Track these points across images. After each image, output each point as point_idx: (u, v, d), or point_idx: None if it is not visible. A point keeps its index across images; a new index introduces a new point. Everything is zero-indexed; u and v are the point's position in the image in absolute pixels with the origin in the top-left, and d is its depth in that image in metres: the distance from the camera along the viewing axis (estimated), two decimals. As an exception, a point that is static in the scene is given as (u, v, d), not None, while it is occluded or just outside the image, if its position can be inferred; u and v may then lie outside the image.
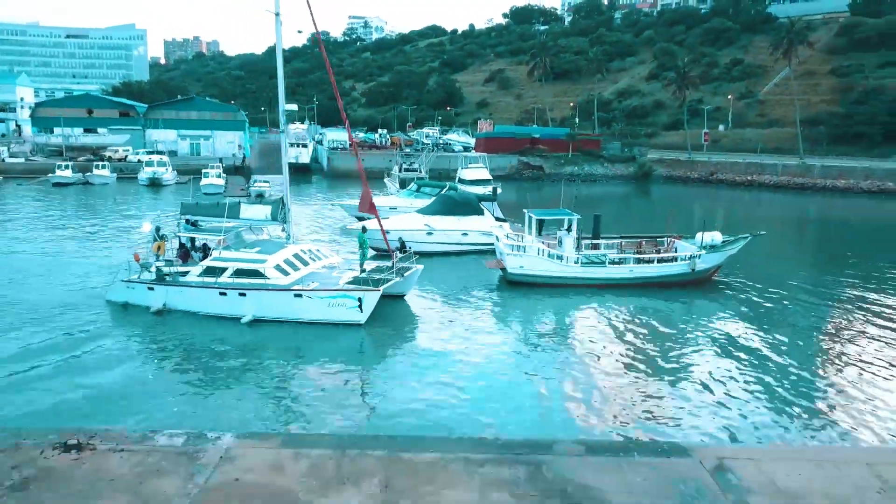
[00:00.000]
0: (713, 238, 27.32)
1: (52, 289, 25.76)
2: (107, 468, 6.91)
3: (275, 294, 21.71)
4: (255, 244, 24.41)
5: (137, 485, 6.61)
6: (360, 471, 6.85)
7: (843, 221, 57.83)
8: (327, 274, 23.49)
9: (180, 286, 22.37)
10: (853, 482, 6.86)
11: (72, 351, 19.21)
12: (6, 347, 19.43)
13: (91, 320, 21.90)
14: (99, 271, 28.54)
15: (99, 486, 6.56)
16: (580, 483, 6.73)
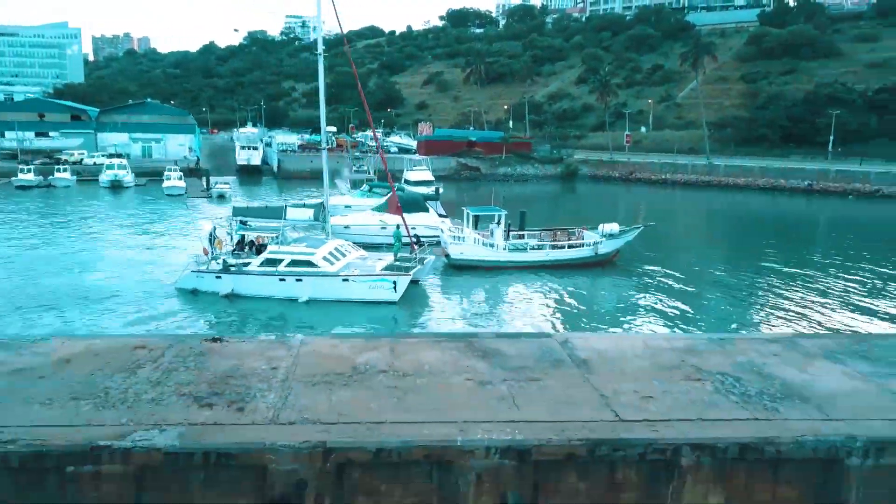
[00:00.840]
0: (612, 228, 34.39)
1: (125, 280, 30.40)
2: (240, 348, 12.84)
3: (326, 279, 27.05)
4: (301, 240, 29.60)
5: (261, 353, 12.54)
6: (379, 345, 13.05)
7: (739, 215, 66.66)
8: (363, 262, 28.98)
9: (245, 274, 27.42)
10: (630, 346, 13.44)
11: (164, 320, 24.67)
12: (109, 323, 24.46)
13: (169, 303, 27.17)
14: (155, 266, 33.24)
15: (240, 355, 12.49)
16: (493, 348, 13.06)
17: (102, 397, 10.11)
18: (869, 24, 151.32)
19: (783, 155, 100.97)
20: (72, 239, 41.59)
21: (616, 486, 9.60)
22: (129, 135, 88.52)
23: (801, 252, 42.55)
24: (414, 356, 12.56)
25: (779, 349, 13.43)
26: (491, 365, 12.17)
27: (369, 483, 9.28)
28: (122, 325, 24.07)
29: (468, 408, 10.17)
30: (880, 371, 11.92)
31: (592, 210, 59.62)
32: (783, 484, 9.79)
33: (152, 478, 8.93)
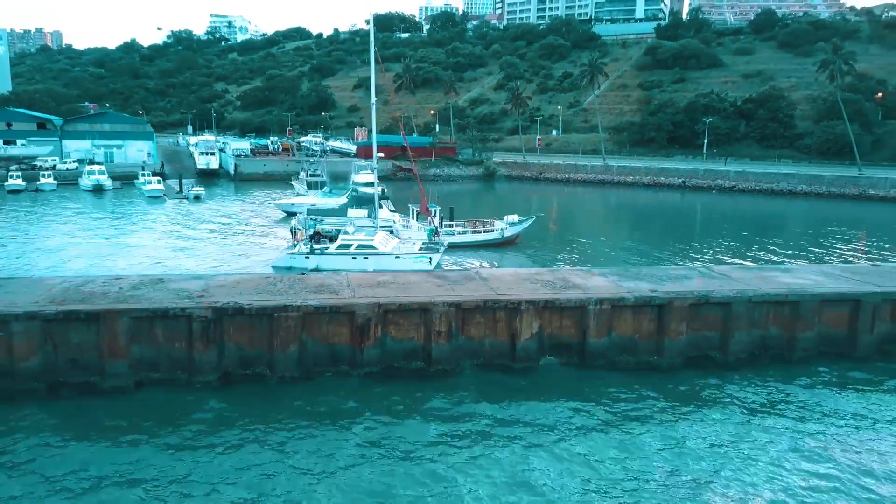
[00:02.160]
0: (512, 219, 48.35)
1: (225, 265, 39.82)
2: (318, 277, 25.78)
3: (384, 257, 38.16)
4: (359, 231, 40.14)
5: (330, 279, 25.46)
6: (385, 275, 26.31)
7: (626, 207, 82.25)
8: (404, 245, 40.75)
9: (327, 255, 38.28)
10: (510, 273, 27.26)
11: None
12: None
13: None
14: (242, 253, 43.94)
15: (320, 279, 25.42)
16: (443, 275, 26.51)
17: (271, 292, 23.18)
18: (747, 39, 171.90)
19: (668, 155, 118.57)
20: (133, 234, 51.65)
21: (496, 321, 23.37)
22: (91, 142, 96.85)
23: (663, 230, 57.85)
24: (405, 279, 26.06)
25: (582, 272, 27.79)
26: (441, 280, 25.86)
27: (396, 319, 22.67)
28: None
29: (433, 293, 23.80)
30: (620, 279, 26.15)
31: (507, 205, 73.40)
32: (566, 318, 23.71)
33: (307, 319, 22.04)
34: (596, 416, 20.12)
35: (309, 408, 20.07)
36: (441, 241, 41.67)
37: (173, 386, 21.05)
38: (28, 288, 22.89)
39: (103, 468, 16.79)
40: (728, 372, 23.58)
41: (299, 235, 40.08)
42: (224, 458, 17.51)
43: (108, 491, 15.95)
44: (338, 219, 43.48)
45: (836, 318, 25.00)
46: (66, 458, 17.27)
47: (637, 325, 23.83)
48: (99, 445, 17.95)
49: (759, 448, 18.46)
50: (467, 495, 15.99)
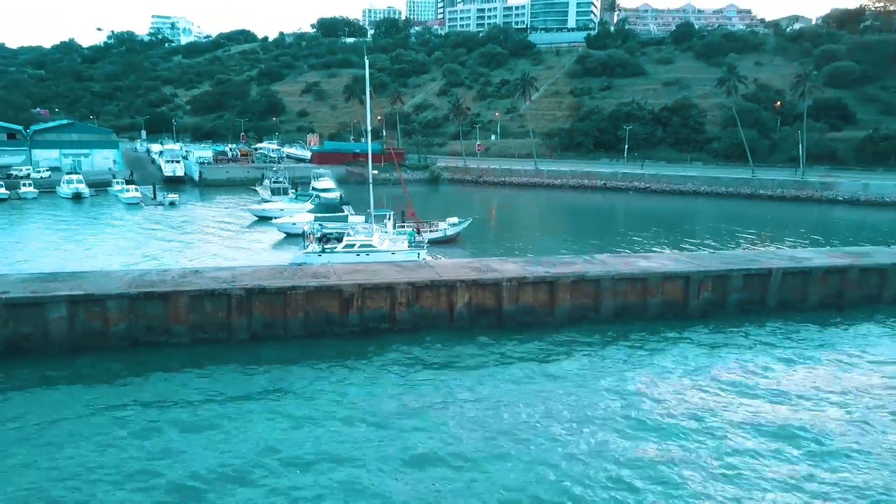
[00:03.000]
0: (453, 220, 58.79)
1: (251, 261, 48.63)
2: (314, 269, 35.74)
3: (382, 253, 46.30)
4: (359, 233, 49.18)
5: (322, 268, 35.42)
6: (359, 265, 36.50)
7: (553, 207, 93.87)
8: (395, 243, 49.44)
9: (336, 253, 46.52)
10: (448, 261, 37.83)
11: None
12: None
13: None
14: (230, 253, 52.76)
15: (315, 268, 35.40)
16: (398, 264, 36.86)
17: (283, 277, 33.21)
18: (668, 49, 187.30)
19: (595, 159, 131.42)
20: (131, 237, 59.81)
21: (440, 295, 33.90)
22: (60, 151, 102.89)
23: (583, 228, 69.34)
24: (375, 268, 36.22)
25: (500, 260, 38.50)
26: (401, 268, 36.23)
27: (371, 294, 33.17)
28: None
29: (396, 277, 34.14)
30: (530, 265, 36.84)
31: (450, 207, 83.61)
32: (487, 292, 34.33)
33: (309, 296, 32.12)
34: (509, 357, 30.74)
35: (314, 356, 30.04)
36: (423, 241, 51.54)
37: (217, 342, 30.68)
38: (103, 279, 32.09)
39: (172, 394, 26.21)
40: (600, 326, 34.55)
41: (311, 238, 49.11)
42: (254, 383, 27.32)
43: (176, 408, 25.37)
44: (340, 224, 53.12)
45: (674, 289, 36.33)
46: (145, 389, 26.60)
47: (536, 296, 34.58)
48: (168, 381, 27.31)
49: (619, 374, 29.41)
50: (424, 400, 26.36)
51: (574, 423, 24.00)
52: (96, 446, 21.93)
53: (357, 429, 23.36)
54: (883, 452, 22.43)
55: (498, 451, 21.89)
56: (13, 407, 24.60)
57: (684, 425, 23.94)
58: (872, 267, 39.05)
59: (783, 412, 25.21)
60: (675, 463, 21.49)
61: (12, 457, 21.25)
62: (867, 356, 31.30)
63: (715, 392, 26.95)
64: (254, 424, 23.56)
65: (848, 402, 26.28)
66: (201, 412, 24.50)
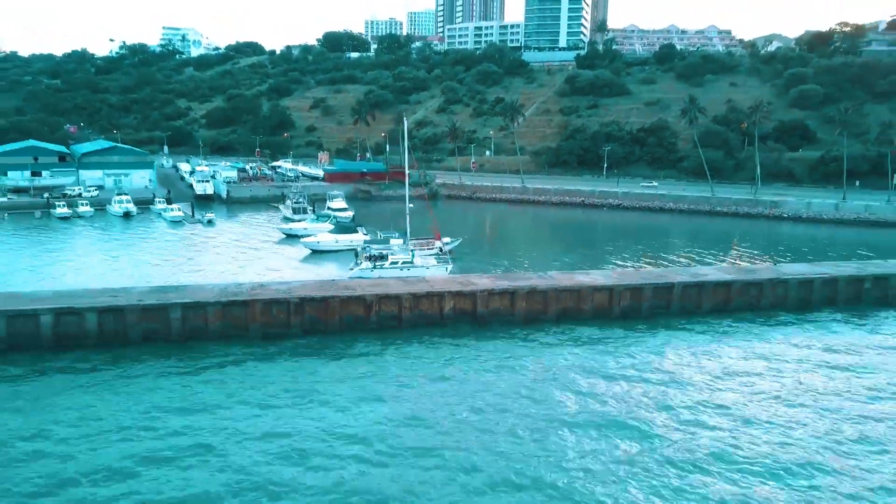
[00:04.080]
0: (446, 240, 72.78)
1: (267, 275, 62.49)
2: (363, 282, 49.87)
3: (419, 269, 59.30)
4: (397, 253, 62.19)
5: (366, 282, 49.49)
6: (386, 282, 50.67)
7: (537, 223, 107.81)
8: (427, 258, 62.71)
9: (385, 269, 59.26)
10: (438, 274, 52.02)
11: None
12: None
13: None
14: (297, 266, 66.71)
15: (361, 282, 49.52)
16: (403, 276, 51.00)
17: (324, 290, 47.32)
18: (651, 69, 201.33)
19: (578, 175, 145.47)
20: (192, 251, 73.72)
21: (433, 301, 48.19)
22: (103, 171, 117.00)
23: (558, 243, 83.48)
24: (387, 283, 50.38)
25: (477, 276, 52.90)
26: (405, 283, 50.55)
27: (385, 301, 47.38)
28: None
29: (402, 289, 48.33)
30: (499, 280, 51.06)
31: (448, 222, 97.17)
32: (467, 300, 48.67)
33: (343, 302, 46.36)
34: (481, 349, 44.74)
35: (346, 346, 44.08)
36: (450, 257, 64.77)
37: (277, 337, 44.72)
38: (198, 291, 46.12)
39: (252, 375, 40.32)
40: (548, 325, 48.49)
41: (363, 256, 61.78)
42: (303, 368, 41.35)
43: (255, 389, 39.48)
44: (382, 245, 66.96)
45: (602, 298, 50.35)
46: (238, 370, 40.65)
47: (502, 303, 48.60)
48: (249, 363, 41.33)
49: (561, 361, 43.49)
50: (420, 379, 40.43)
51: (525, 399, 37.81)
52: (219, 405, 35.98)
53: (366, 403, 37.44)
54: (747, 425, 36.43)
55: (462, 421, 35.94)
56: (151, 377, 38.54)
57: (596, 407, 37.98)
58: (752, 281, 53.06)
59: (676, 394, 38.69)
60: (573, 425, 35.54)
61: (195, 399, 35.25)
62: (747, 350, 45.02)
63: (625, 375, 40.89)
64: (319, 402, 37.64)
65: (730, 386, 39.44)
66: (269, 390, 38.57)
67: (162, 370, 38.94)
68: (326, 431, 31.82)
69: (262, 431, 31.58)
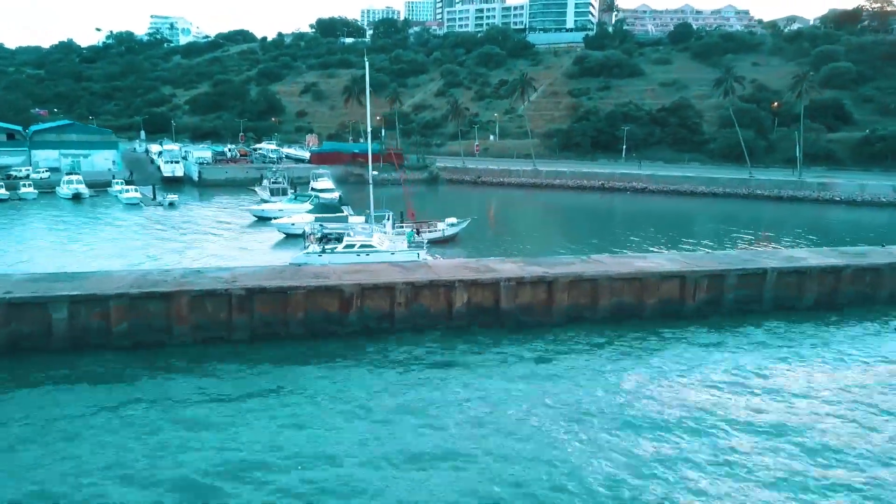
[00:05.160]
0: (451, 220, 59.17)
1: (251, 262, 48.50)
2: (320, 268, 36.02)
3: (382, 254, 46.12)
4: (358, 233, 48.69)
5: (323, 268, 35.71)
6: (359, 266, 36.76)
7: (553, 208, 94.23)
8: (394, 243, 49.70)
9: (336, 254, 46.04)
10: (444, 262, 38.15)
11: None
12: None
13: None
14: (230, 253, 52.76)
15: (318, 269, 35.68)
16: (397, 262, 37.13)
17: (283, 277, 33.51)
18: (665, 50, 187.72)
19: (593, 159, 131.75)
20: (130, 238, 59.86)
21: (438, 293, 34.10)
22: (59, 151, 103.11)
23: (581, 228, 69.65)
24: (375, 269, 36.52)
25: (498, 260, 38.76)
26: (401, 268, 36.51)
27: (370, 294, 33.47)
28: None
29: (395, 276, 34.47)
30: (528, 265, 37.10)
31: (449, 208, 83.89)
32: (486, 292, 34.65)
33: (309, 294, 32.53)
34: (508, 356, 31.04)
35: (314, 355, 30.32)
36: (423, 241, 51.80)
37: (218, 341, 30.97)
38: (105, 280, 32.34)
39: (172, 393, 26.55)
40: (597, 326, 34.88)
41: (311, 238, 49.26)
42: (254, 382, 27.66)
43: (177, 407, 25.77)
44: (341, 224, 53.35)
45: (670, 289, 36.65)
46: (145, 388, 26.90)
47: (534, 296, 34.90)
48: (169, 380, 27.67)
49: (617, 374, 29.73)
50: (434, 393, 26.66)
51: (572, 422, 24.32)
52: (96, 445, 22.23)
53: (356, 427, 23.68)
54: (876, 451, 22.76)
55: (495, 450, 22.20)
56: (15, 406, 24.90)
57: (680, 424, 24.26)
58: (867, 267, 39.39)
59: (779, 410, 25.53)
60: (670, 460, 21.82)
61: (16, 454, 21.53)
62: (862, 355, 31.65)
63: (710, 391, 27.28)
64: (254, 423, 23.87)
65: (842, 400, 26.62)
66: (201, 411, 24.79)
67: (26, 402, 25.23)
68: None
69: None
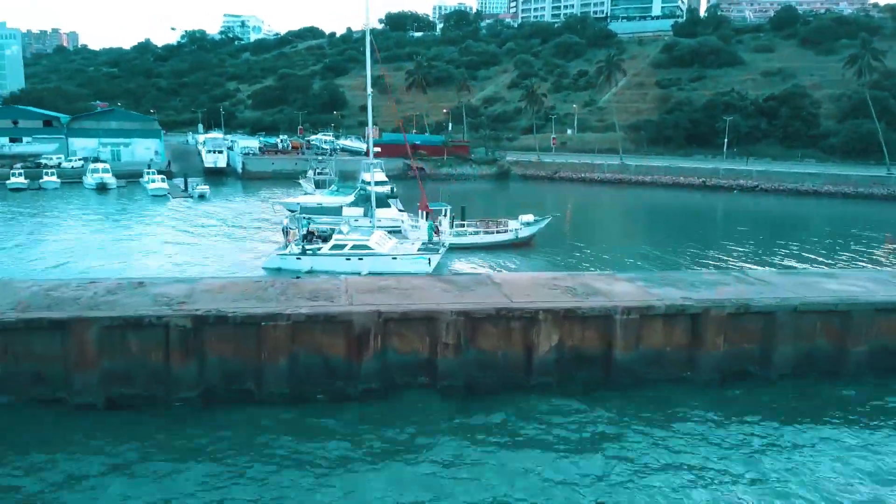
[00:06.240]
0: (527, 219, 45.88)
1: (218, 265, 37.88)
2: (313, 281, 23.40)
3: (380, 258, 36.03)
4: (355, 230, 38.17)
5: (327, 283, 23.11)
6: (389, 279, 23.84)
7: (645, 207, 79.55)
8: (402, 246, 38.66)
9: (319, 256, 36.10)
10: (524, 277, 24.78)
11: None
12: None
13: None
14: (224, 255, 41.29)
15: (316, 284, 23.04)
16: (451, 279, 24.00)
17: (259, 299, 20.89)
18: (767, 36, 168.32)
19: (687, 154, 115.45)
20: (128, 234, 49.54)
21: (510, 330, 20.89)
22: (98, 140, 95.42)
23: (685, 231, 54.99)
24: (408, 283, 23.69)
25: (603, 277, 25.31)
26: (449, 285, 23.42)
27: (398, 329, 20.24)
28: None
29: (440, 299, 21.39)
30: (649, 285, 23.65)
31: (521, 205, 70.83)
32: (588, 328, 21.27)
33: (298, 329, 19.68)
34: (629, 437, 17.64)
35: (300, 434, 17.71)
36: (441, 241, 39.36)
37: (149, 403, 18.80)
38: (-7, 292, 20.70)
39: (64, 497, 14.58)
40: (770, 388, 21.04)
41: (291, 235, 37.74)
42: (195, 477, 15.23)
43: None
44: (332, 217, 41.09)
45: (893, 328, 22.33)
46: (23, 481, 15.09)
47: (668, 337, 21.32)
48: (61, 467, 15.74)
49: (808, 476, 15.90)
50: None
51: None
52: None
53: None
54: None
55: None
56: None
57: None
58: None
59: None
60: None
61: None
62: None
63: None
64: None
65: None
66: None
67: None
68: None
69: None
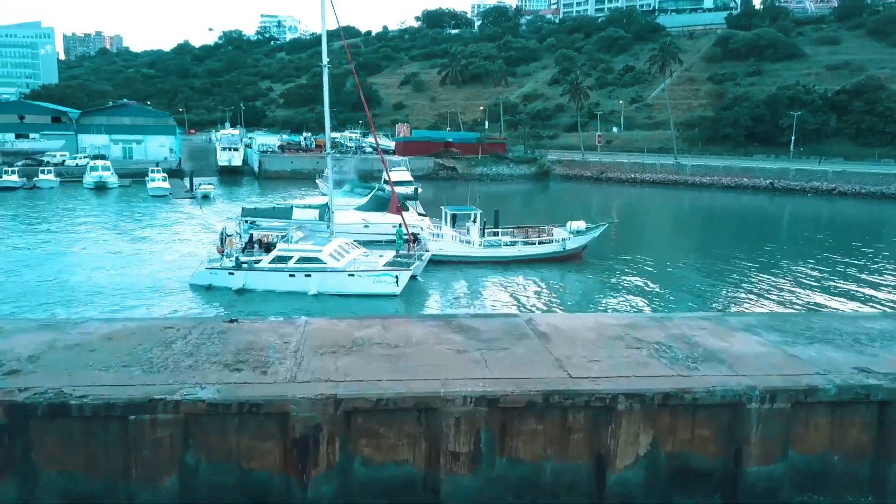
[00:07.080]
0: (578, 226, 37.03)
1: (136, 278, 31.31)
2: (254, 327, 15.12)
3: (333, 274, 28.73)
4: (307, 238, 31.01)
5: (273, 331, 14.82)
6: (373, 323, 15.37)
7: (705, 212, 69.97)
8: (366, 259, 30.81)
9: (256, 271, 28.97)
10: (582, 323, 15.98)
11: (180, 312, 25.51)
12: (129, 315, 24.50)
13: (184, 297, 28.09)
14: (163, 266, 34.29)
15: (256, 332, 14.75)
16: (469, 325, 15.43)
17: (148, 365, 12.61)
18: (830, 28, 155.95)
19: (747, 154, 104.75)
20: (73, 239, 42.64)
21: (567, 428, 12.22)
22: (109, 136, 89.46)
23: (760, 246, 45.53)
24: (402, 331, 15.09)
25: (707, 324, 16.28)
26: (467, 338, 14.69)
27: (370, 426, 11.80)
28: (141, 315, 24.72)
29: (448, 369, 12.69)
30: (787, 340, 14.71)
31: (564, 208, 62.15)
32: (700, 425, 12.51)
33: (196, 424, 11.42)
34: None
35: None
36: (418, 253, 31.00)
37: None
38: None
39: None
40: None
41: (230, 243, 29.88)
42: None
43: None
44: (282, 221, 32.79)
45: None
46: None
47: (839, 438, 12.44)
48: None
49: None
50: None
51: None
52: None
53: None
54: None
55: None
56: None
57: None
58: None
59: None
60: None
61: None
62: None
63: None
64: None
65: None
66: None
67: None
68: None
69: None
